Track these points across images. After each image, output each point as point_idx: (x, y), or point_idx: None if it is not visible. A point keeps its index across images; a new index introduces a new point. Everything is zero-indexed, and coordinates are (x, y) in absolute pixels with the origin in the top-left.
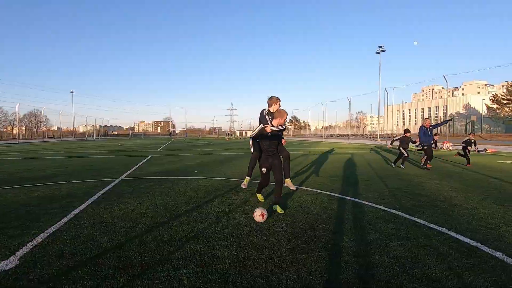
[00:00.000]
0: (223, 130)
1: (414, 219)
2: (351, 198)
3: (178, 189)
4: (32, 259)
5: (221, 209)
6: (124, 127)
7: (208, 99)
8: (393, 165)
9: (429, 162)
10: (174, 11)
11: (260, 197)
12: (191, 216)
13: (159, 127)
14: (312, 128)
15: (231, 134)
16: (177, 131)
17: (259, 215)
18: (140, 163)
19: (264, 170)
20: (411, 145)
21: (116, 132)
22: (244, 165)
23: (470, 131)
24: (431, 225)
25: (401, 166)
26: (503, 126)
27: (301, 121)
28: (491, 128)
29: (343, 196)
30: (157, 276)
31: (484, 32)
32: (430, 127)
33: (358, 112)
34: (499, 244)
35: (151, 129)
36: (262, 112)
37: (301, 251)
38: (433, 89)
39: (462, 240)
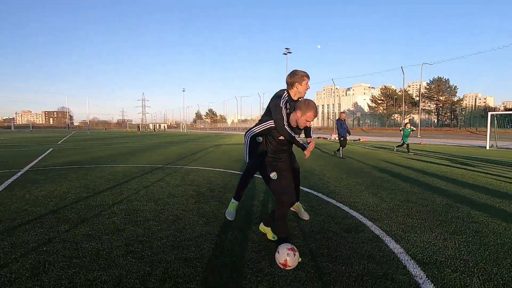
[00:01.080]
0: (133, 123)
1: (306, 189)
2: None
3: (95, 174)
4: None
5: (139, 185)
6: None
7: (115, 88)
8: None
9: (338, 150)
10: None
11: (269, 232)
12: (113, 190)
13: (51, 119)
14: (229, 121)
15: (146, 127)
16: (76, 124)
17: (292, 262)
18: (42, 156)
19: (273, 174)
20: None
21: None
22: (158, 154)
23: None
24: (306, 189)
25: None
26: (379, 121)
27: (217, 114)
28: (371, 122)
29: (239, 172)
30: (95, 223)
31: (373, 43)
32: (345, 120)
33: None
34: (323, 190)
35: (40, 120)
36: (279, 96)
37: (202, 201)
38: (331, 89)
39: (304, 189)
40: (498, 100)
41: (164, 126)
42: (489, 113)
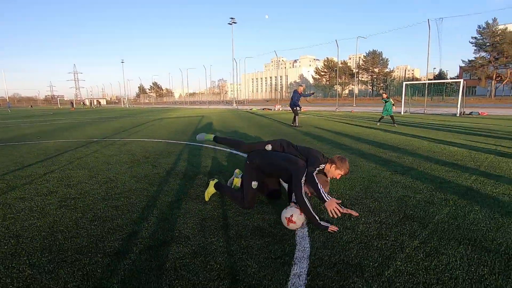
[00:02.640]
0: (66, 99)
1: (235, 152)
2: (182, 142)
3: (23, 150)
4: None
5: (73, 157)
6: None
7: (39, 60)
8: None
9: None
10: None
11: (210, 193)
12: (44, 163)
13: None
14: (177, 95)
15: (82, 103)
16: None
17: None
18: None
19: (254, 184)
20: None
21: None
22: (95, 129)
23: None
24: (235, 152)
25: None
26: (322, 92)
27: (163, 88)
28: (315, 93)
29: (177, 142)
30: (27, 189)
31: (318, 15)
32: (301, 93)
33: (220, 80)
34: None
35: None
36: (316, 165)
37: (136, 166)
38: (278, 60)
39: (221, 149)
40: (424, 71)
41: (99, 102)
42: (404, 83)
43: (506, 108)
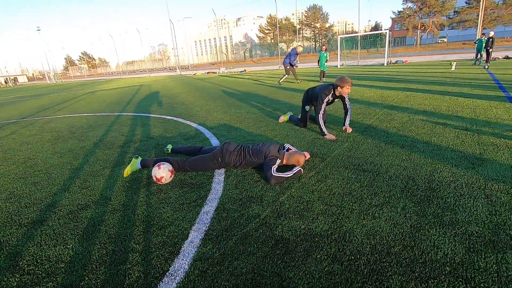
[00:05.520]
0: None
1: (169, 117)
2: (114, 114)
3: None
4: None
5: None
6: None
7: None
8: None
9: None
10: None
11: (130, 168)
12: None
13: None
14: (114, 65)
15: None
16: None
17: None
18: None
19: None
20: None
21: None
22: (12, 109)
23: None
24: (170, 117)
25: None
26: (268, 51)
27: (95, 58)
28: (262, 53)
29: (109, 114)
30: None
31: None
32: (299, 53)
33: (160, 44)
34: (185, 115)
35: None
36: (326, 94)
37: (60, 142)
38: (221, 20)
39: (177, 120)
40: (361, 25)
41: (16, 79)
42: (339, 37)
43: (428, 55)
